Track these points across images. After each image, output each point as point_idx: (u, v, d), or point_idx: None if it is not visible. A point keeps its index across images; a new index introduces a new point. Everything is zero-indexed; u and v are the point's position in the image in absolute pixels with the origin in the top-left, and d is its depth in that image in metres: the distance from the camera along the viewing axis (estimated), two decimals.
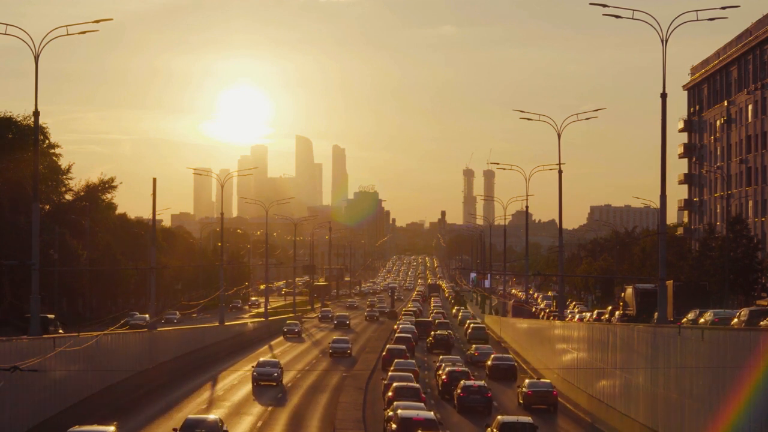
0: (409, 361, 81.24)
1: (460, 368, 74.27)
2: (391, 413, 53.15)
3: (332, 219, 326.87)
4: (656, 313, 69.57)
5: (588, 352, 67.47)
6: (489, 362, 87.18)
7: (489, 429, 51.48)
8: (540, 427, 53.01)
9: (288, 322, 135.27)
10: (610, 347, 59.82)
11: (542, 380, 72.24)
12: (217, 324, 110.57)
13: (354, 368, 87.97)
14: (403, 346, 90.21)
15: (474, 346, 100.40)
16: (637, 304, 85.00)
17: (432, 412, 53.39)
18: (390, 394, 60.77)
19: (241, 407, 65.19)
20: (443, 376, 72.52)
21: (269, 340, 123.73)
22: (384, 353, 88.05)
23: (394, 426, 49.76)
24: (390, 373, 70.43)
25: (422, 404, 56.28)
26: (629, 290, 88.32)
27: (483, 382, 68.77)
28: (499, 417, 52.07)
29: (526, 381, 71.20)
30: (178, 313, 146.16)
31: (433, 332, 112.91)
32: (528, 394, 67.41)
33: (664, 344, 47.63)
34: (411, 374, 69.77)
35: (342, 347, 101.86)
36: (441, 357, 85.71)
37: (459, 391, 64.92)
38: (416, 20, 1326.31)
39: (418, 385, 63.75)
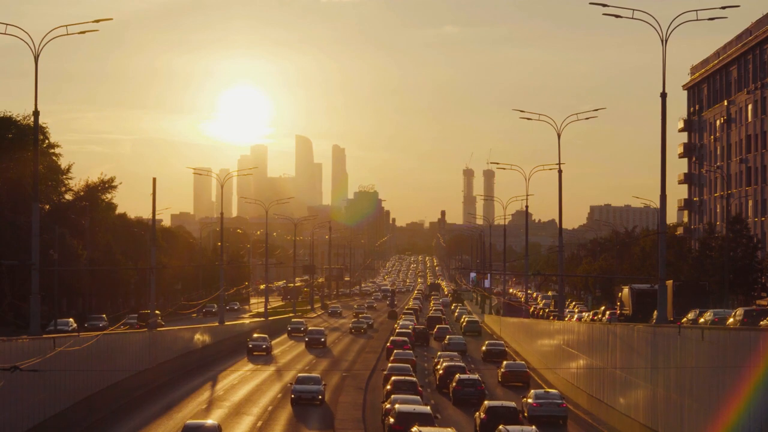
0: (408, 351, 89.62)
1: (457, 362, 78.70)
2: (388, 406, 55.23)
3: (332, 219, 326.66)
4: (655, 313, 70.66)
5: (588, 351, 67.53)
6: (484, 348, 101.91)
7: (477, 413, 55.40)
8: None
9: (255, 336, 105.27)
10: (610, 347, 59.83)
11: (518, 362, 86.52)
12: (217, 324, 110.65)
13: (354, 368, 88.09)
14: (405, 338, 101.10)
15: (448, 336, 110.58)
16: (633, 304, 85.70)
17: (428, 407, 54.90)
18: (388, 387, 64.18)
19: (241, 407, 65.23)
20: (440, 370, 76.07)
21: (227, 360, 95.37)
22: (388, 344, 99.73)
23: (391, 420, 51.25)
24: (390, 364, 77.38)
25: (418, 398, 58.50)
26: (626, 290, 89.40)
27: (477, 376, 72.78)
28: (486, 402, 56.47)
29: (504, 362, 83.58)
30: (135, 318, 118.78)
31: (411, 327, 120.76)
32: (505, 373, 79.19)
33: (664, 344, 47.63)
34: (408, 365, 76.68)
35: (309, 391, 65.85)
36: (439, 353, 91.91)
37: (454, 384, 68.41)
38: (417, 20, 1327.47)
39: (415, 379, 67.90)
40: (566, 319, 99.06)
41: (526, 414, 60.63)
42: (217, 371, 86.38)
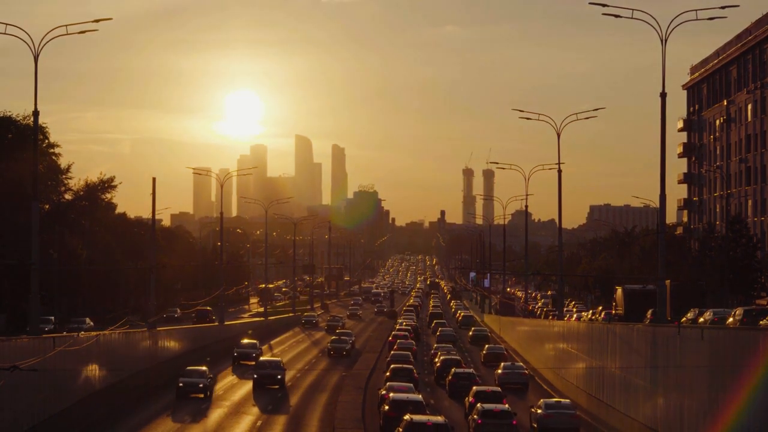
0: (409, 341, 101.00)
1: (454, 356, 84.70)
2: (383, 393, 59.38)
3: (331, 221, 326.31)
4: (649, 313, 72.42)
5: (588, 352, 67.56)
6: (470, 333, 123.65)
7: (467, 399, 60.06)
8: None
9: (189, 369, 70.45)
10: (610, 346, 59.85)
11: (497, 346, 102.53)
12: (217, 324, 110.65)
13: (354, 368, 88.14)
14: (406, 333, 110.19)
15: (440, 329, 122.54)
16: (626, 304, 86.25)
17: (420, 395, 58.32)
18: (387, 374, 71.16)
19: (241, 407, 65.24)
20: (438, 363, 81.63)
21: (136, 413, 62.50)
22: (390, 338, 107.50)
23: (386, 407, 54.70)
24: (392, 352, 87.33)
25: (412, 386, 62.42)
26: (619, 291, 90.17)
27: (472, 369, 78.27)
28: (474, 387, 61.16)
29: (486, 346, 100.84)
30: (88, 319, 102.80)
31: (405, 323, 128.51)
32: (486, 354, 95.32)
33: (664, 344, 47.64)
34: (409, 353, 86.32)
35: None
36: (435, 345, 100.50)
37: (450, 377, 72.27)
38: (417, 20, 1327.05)
39: (412, 366, 74.78)
40: (565, 318, 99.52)
41: (497, 383, 73.04)
42: (217, 371, 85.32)
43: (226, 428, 57.22)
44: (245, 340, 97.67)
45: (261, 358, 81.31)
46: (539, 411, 56.58)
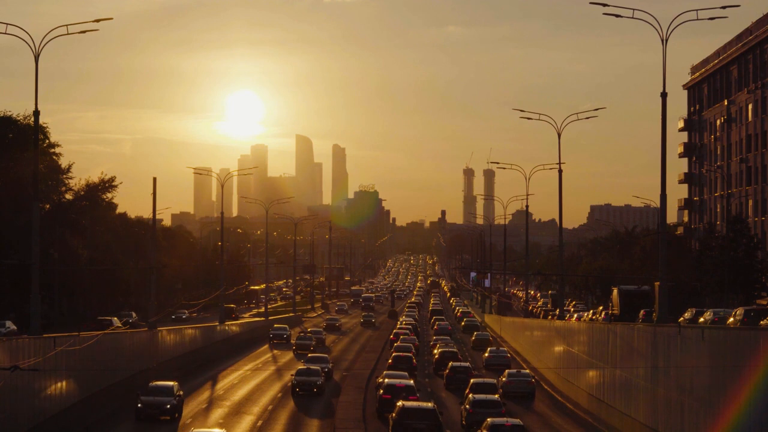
0: (412, 337, 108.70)
1: (451, 348, 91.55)
2: (380, 380, 65.79)
3: (332, 221, 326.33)
4: (641, 312, 73.52)
5: (588, 352, 67.56)
6: (463, 323, 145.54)
7: (466, 391, 63.41)
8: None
9: None
10: (610, 346, 59.84)
11: (484, 333, 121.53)
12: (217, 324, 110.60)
13: (354, 368, 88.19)
14: (407, 331, 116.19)
15: (438, 323, 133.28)
16: (621, 305, 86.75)
17: (411, 381, 64.81)
18: (389, 362, 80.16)
19: (242, 406, 65.24)
20: (436, 355, 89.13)
21: None
22: (391, 336, 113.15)
23: (381, 391, 61.53)
24: (396, 344, 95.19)
25: (406, 374, 68.93)
26: (615, 291, 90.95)
27: (468, 363, 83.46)
28: (472, 380, 66.06)
29: (476, 333, 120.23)
30: (9, 323, 71.12)
31: (404, 321, 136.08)
32: (475, 340, 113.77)
33: (664, 344, 47.61)
34: (411, 345, 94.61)
35: None
36: (434, 337, 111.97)
37: (447, 371, 77.60)
38: (419, 20, 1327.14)
39: (411, 355, 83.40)
40: (565, 318, 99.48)
41: (484, 364, 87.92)
42: (217, 371, 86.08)
43: None
44: (156, 382, 61.61)
45: (195, 431, 46.52)
46: (504, 379, 71.12)
